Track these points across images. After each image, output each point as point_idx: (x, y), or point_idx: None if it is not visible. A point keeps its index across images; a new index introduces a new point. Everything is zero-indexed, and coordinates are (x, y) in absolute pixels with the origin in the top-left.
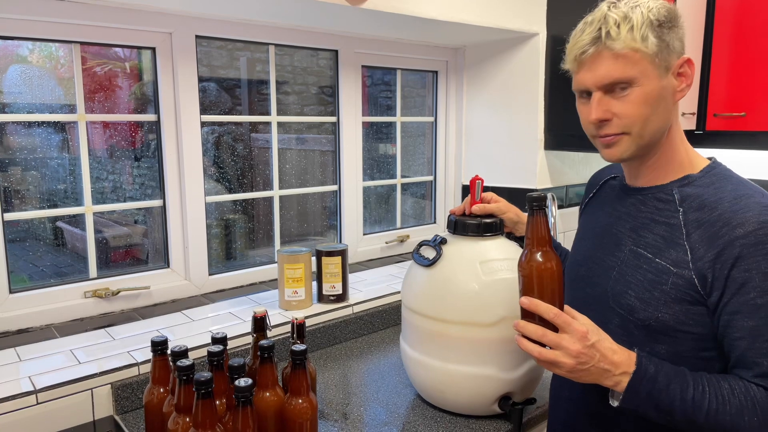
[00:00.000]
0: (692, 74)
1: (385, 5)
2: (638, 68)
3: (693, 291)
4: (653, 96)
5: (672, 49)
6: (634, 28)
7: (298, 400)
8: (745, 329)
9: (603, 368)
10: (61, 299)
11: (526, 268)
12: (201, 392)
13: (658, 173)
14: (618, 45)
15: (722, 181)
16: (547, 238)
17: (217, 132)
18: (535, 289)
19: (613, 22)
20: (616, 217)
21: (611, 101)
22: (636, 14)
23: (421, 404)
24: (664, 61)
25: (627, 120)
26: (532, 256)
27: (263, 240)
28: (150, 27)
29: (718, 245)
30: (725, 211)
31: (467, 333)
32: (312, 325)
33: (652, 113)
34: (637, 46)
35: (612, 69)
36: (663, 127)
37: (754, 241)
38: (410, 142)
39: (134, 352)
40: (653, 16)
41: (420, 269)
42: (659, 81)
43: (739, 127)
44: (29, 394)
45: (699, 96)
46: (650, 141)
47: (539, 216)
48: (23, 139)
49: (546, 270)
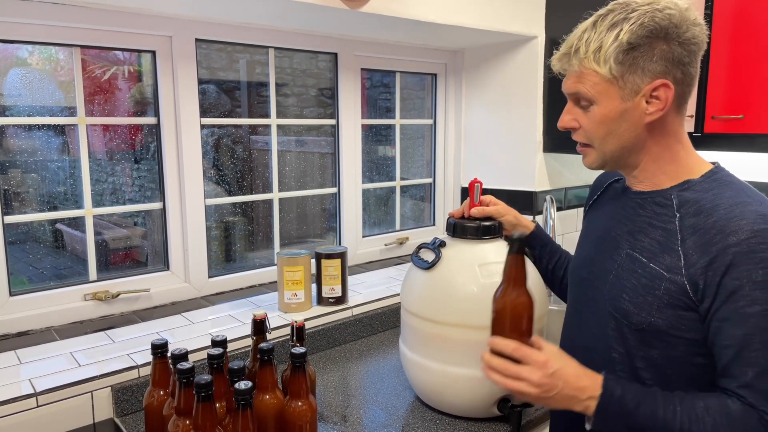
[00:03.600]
0: (667, 98)
1: (383, 8)
2: (597, 89)
3: (685, 297)
4: (611, 117)
5: (645, 72)
6: (601, 49)
7: (297, 403)
8: (733, 337)
9: (569, 395)
10: (61, 302)
11: (498, 303)
12: (201, 395)
13: (659, 178)
14: (577, 65)
15: (722, 187)
16: (521, 279)
17: (217, 134)
18: (507, 323)
19: (585, 40)
20: (616, 220)
21: (579, 111)
22: (610, 36)
23: (420, 406)
24: (630, 84)
25: (588, 133)
26: (506, 292)
27: (263, 242)
28: (150, 30)
29: (711, 252)
30: (720, 218)
31: (466, 335)
32: (311, 328)
33: (609, 133)
34: (596, 69)
35: (574, 84)
36: (626, 147)
37: (746, 250)
38: (409, 145)
39: (134, 355)
40: (630, 37)
41: (419, 272)
42: (621, 103)
43: (737, 129)
44: (29, 397)
45: (697, 98)
46: (614, 157)
47: (518, 256)
48: (23, 141)
49: (516, 306)
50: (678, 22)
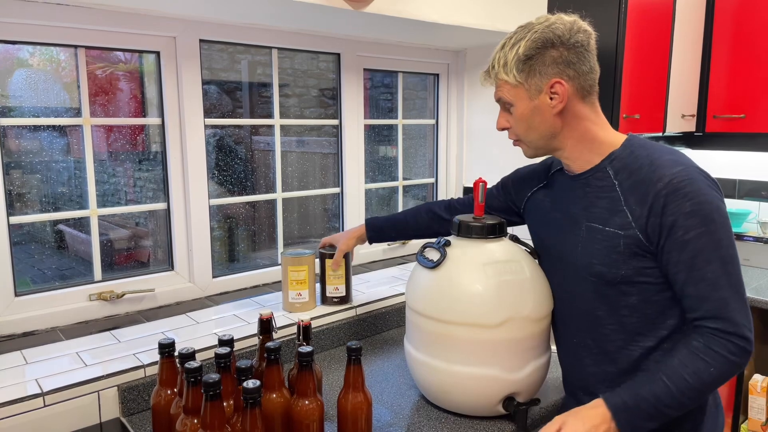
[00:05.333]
0: (564, 92)
1: (387, 9)
2: (511, 93)
3: (641, 245)
4: (526, 114)
5: (542, 74)
6: (507, 64)
7: (305, 402)
8: (680, 263)
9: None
10: (66, 302)
11: (341, 402)
12: (209, 394)
13: (588, 156)
14: (494, 78)
15: (638, 150)
16: (360, 383)
17: (219, 135)
18: (349, 422)
19: (497, 59)
20: (570, 202)
21: (507, 114)
22: (512, 53)
23: (426, 405)
24: (534, 86)
25: (516, 130)
26: (346, 394)
27: (266, 242)
28: (154, 31)
29: (647, 201)
30: (645, 173)
31: (471, 334)
32: (316, 327)
33: (529, 127)
34: (506, 79)
35: (497, 93)
36: (546, 135)
37: (672, 189)
38: (412, 145)
39: (140, 355)
40: (524, 51)
41: (424, 271)
42: (530, 102)
43: (738, 128)
44: (36, 397)
45: (699, 98)
46: (540, 145)
47: (355, 365)
48: (28, 142)
49: (355, 406)
50: (562, 33)
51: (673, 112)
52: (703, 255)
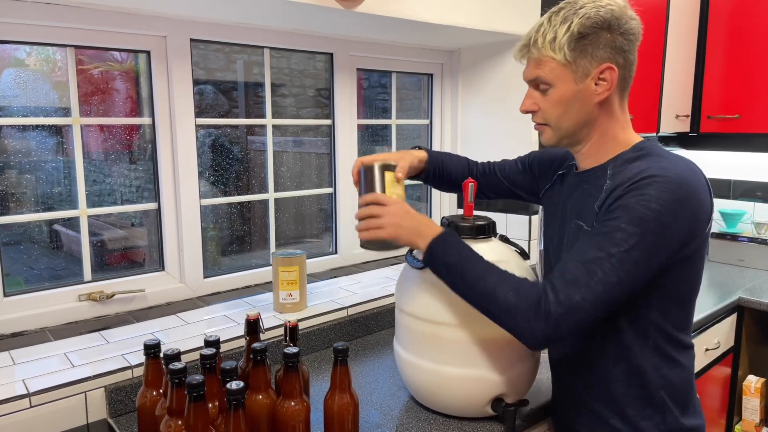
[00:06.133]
0: (613, 80)
1: (379, 8)
2: (554, 74)
3: None
4: (567, 97)
5: (593, 57)
6: (555, 39)
7: (290, 403)
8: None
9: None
10: (56, 302)
11: (328, 403)
12: (193, 395)
13: (601, 154)
14: (536, 53)
15: (644, 153)
16: (346, 384)
17: (213, 134)
18: (335, 423)
19: (542, 32)
20: (568, 197)
21: (538, 95)
22: (563, 28)
23: (415, 406)
24: (582, 68)
25: (546, 114)
26: (333, 395)
27: (258, 242)
28: (145, 31)
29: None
30: (625, 176)
31: (460, 335)
32: (306, 328)
33: (565, 112)
34: (553, 56)
35: (533, 71)
36: (579, 124)
37: (634, 185)
38: (405, 145)
39: (128, 355)
40: (579, 28)
41: (413, 272)
42: (575, 85)
43: (732, 129)
44: (23, 398)
45: (693, 98)
46: (569, 133)
47: (341, 366)
48: (18, 142)
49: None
50: (618, 15)
51: (667, 113)
52: (599, 241)
